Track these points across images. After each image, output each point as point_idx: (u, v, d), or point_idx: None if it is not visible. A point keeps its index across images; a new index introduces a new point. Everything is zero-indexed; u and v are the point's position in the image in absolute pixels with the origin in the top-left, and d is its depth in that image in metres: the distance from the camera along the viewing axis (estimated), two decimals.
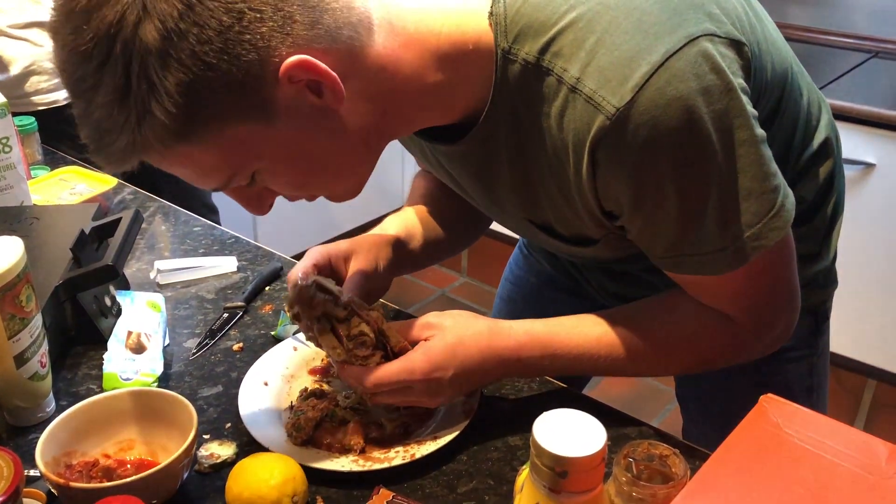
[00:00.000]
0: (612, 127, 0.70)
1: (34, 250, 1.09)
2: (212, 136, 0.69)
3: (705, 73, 0.69)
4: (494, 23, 0.75)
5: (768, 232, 0.77)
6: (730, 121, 0.71)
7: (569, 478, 0.56)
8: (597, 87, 0.70)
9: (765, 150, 0.75)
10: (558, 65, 0.72)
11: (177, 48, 0.64)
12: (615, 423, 0.92)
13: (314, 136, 0.74)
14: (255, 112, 0.69)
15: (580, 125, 0.72)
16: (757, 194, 0.75)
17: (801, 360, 1.07)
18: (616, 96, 0.69)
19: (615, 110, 0.69)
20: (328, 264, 0.95)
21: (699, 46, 0.69)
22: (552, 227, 0.87)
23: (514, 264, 1.33)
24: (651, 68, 0.68)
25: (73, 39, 0.65)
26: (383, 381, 0.84)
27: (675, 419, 2.38)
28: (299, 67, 0.68)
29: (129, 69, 0.64)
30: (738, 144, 0.73)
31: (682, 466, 0.70)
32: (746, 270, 0.78)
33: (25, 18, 1.78)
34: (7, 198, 1.33)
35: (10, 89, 1.71)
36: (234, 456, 0.88)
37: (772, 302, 0.85)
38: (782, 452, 0.64)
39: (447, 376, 0.84)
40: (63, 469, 0.81)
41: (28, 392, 0.92)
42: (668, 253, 0.80)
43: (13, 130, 1.33)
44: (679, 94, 0.68)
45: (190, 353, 1.07)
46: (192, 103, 0.66)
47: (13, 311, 0.86)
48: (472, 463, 0.88)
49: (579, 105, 0.71)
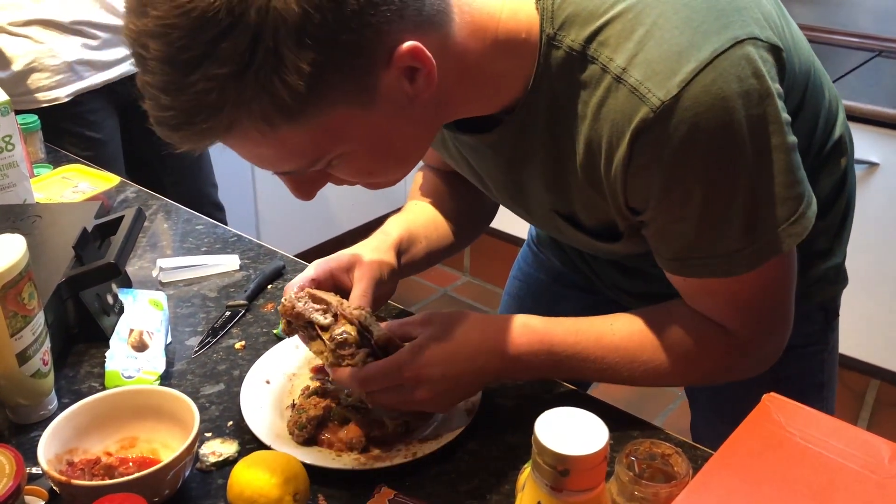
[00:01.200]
0: (655, 119, 0.70)
1: (36, 248, 1.10)
2: (317, 118, 0.67)
3: (747, 77, 0.70)
4: (541, 8, 0.74)
5: (786, 237, 0.77)
6: (765, 126, 0.72)
7: (570, 476, 0.56)
8: (643, 79, 0.70)
9: (795, 157, 0.75)
10: (604, 54, 0.72)
11: (314, 25, 0.61)
12: (617, 422, 0.91)
13: (398, 124, 0.73)
14: (361, 96, 0.68)
15: (621, 115, 0.72)
16: (782, 199, 0.75)
17: (812, 356, 1.07)
18: (662, 89, 0.69)
19: (660, 103, 0.69)
20: (329, 277, 0.94)
21: (744, 49, 0.70)
22: (578, 219, 0.86)
23: (522, 261, 1.33)
24: (699, 65, 0.68)
25: (187, 2, 0.60)
26: (370, 377, 0.83)
27: (677, 418, 2.38)
28: (409, 54, 0.67)
29: (257, 40, 0.60)
30: (771, 150, 0.73)
31: (685, 465, 0.70)
32: (753, 277, 0.78)
33: (26, 16, 1.78)
34: (10, 196, 1.33)
35: (11, 87, 1.71)
36: (235, 454, 0.88)
37: (771, 312, 0.85)
38: (785, 451, 0.64)
39: (437, 373, 0.83)
40: (65, 467, 0.81)
41: (30, 390, 0.92)
42: (681, 255, 0.79)
43: (16, 128, 1.33)
44: (723, 95, 0.69)
45: (192, 351, 1.07)
46: (316, 83, 0.63)
47: (15, 308, 0.86)
48: (474, 461, 0.87)
49: (622, 95, 0.71)
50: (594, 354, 0.87)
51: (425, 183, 1.13)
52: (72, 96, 1.84)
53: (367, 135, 0.72)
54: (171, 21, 0.60)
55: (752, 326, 0.85)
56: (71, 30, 1.82)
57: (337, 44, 0.63)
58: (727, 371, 0.90)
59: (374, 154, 0.75)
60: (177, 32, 0.61)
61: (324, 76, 0.64)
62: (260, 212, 2.84)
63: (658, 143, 0.71)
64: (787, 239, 0.77)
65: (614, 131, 0.73)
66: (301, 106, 0.65)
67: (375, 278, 0.94)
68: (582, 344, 0.87)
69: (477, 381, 0.89)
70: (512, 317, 0.89)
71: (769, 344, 0.87)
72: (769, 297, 0.83)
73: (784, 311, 0.86)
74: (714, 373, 0.90)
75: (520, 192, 0.89)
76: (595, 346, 0.87)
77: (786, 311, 0.86)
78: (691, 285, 0.83)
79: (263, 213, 2.85)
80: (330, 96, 0.66)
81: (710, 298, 0.84)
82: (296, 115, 0.65)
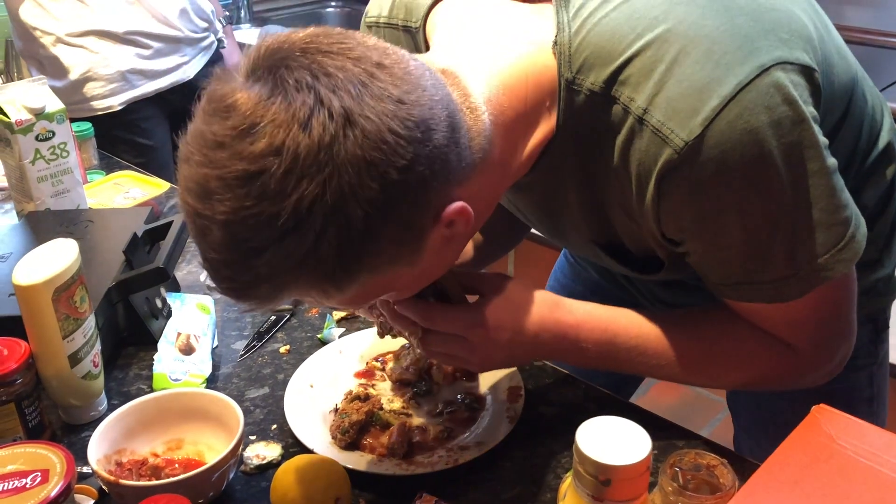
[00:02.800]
0: (679, 161, 0.68)
1: (88, 252, 1.12)
2: (369, 282, 0.68)
3: (777, 105, 0.67)
4: (558, 52, 0.73)
5: (835, 264, 0.74)
6: (801, 152, 0.69)
7: (612, 486, 0.55)
8: (665, 119, 0.68)
9: (836, 181, 0.73)
10: (625, 94, 0.70)
11: (382, 214, 0.62)
12: (661, 432, 0.90)
13: (440, 261, 0.74)
14: (411, 257, 0.69)
15: (646, 157, 0.70)
16: (826, 226, 0.73)
17: (861, 370, 1.04)
18: (685, 130, 0.67)
19: (683, 144, 0.68)
20: None
21: (771, 77, 0.67)
22: (619, 249, 0.85)
23: (559, 273, 1.32)
24: (722, 101, 0.66)
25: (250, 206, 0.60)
26: (434, 314, 0.82)
27: (723, 430, 2.34)
28: (456, 212, 0.68)
29: (321, 238, 0.61)
30: (808, 175, 0.71)
31: (730, 477, 0.69)
32: (807, 301, 0.76)
33: (82, 27, 1.83)
34: (64, 201, 1.37)
35: (67, 95, 1.76)
36: (279, 457, 0.89)
37: (830, 332, 0.82)
38: (834, 465, 0.62)
39: (504, 338, 0.82)
40: (114, 467, 0.83)
41: (81, 391, 0.94)
42: (728, 280, 0.77)
43: (71, 136, 1.36)
44: (750, 128, 0.67)
45: (238, 354, 1.09)
46: (372, 261, 0.65)
47: (68, 311, 0.89)
48: (516, 470, 0.87)
49: (646, 136, 0.70)
50: (656, 350, 0.85)
51: None
52: (124, 104, 1.88)
53: (414, 278, 0.73)
54: (236, 218, 0.61)
55: (812, 346, 0.82)
56: (125, 40, 1.86)
57: (394, 224, 0.64)
58: (793, 383, 0.87)
59: (419, 284, 0.76)
60: (241, 228, 0.61)
61: (380, 255, 0.65)
62: None
63: (686, 182, 0.69)
64: (837, 265, 0.74)
65: (642, 171, 0.72)
66: (354, 276, 0.66)
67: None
68: (644, 345, 0.85)
69: (532, 356, 0.87)
70: (579, 302, 0.87)
71: (832, 360, 0.84)
72: (826, 319, 0.81)
73: (845, 329, 0.83)
74: (775, 384, 0.88)
75: (557, 228, 0.89)
76: (657, 343, 0.85)
77: (847, 327, 0.83)
78: (744, 308, 0.81)
79: None
80: (382, 267, 0.67)
81: (766, 320, 0.81)
82: (349, 284, 0.67)
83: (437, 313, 0.82)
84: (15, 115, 1.29)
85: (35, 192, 1.33)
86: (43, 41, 1.84)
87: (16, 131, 1.29)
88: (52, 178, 1.34)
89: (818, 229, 0.73)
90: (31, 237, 1.22)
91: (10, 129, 1.29)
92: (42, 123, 1.31)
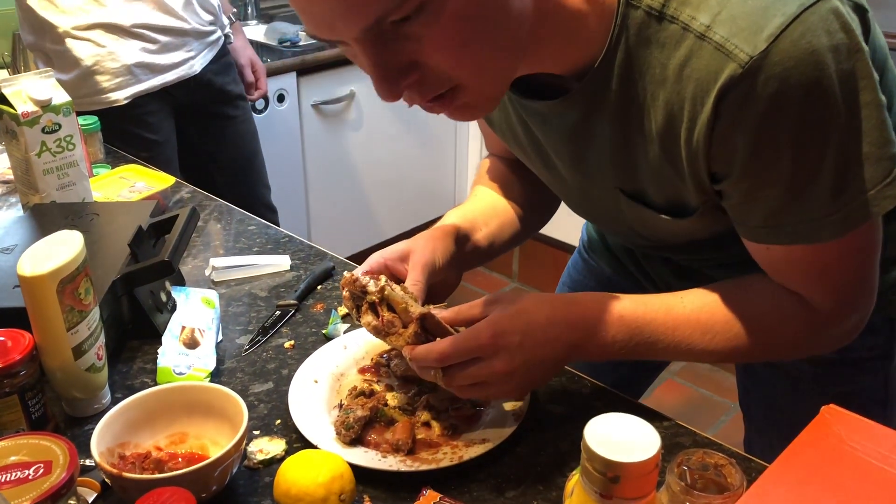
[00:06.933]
0: (743, 76, 0.68)
1: (93, 245, 1.12)
2: None
3: (836, 31, 0.67)
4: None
5: (881, 200, 0.74)
6: (855, 81, 0.69)
7: (620, 483, 0.55)
8: (729, 35, 0.68)
9: (886, 116, 0.72)
10: (685, 13, 0.70)
11: None
12: (669, 431, 0.90)
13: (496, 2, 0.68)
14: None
15: (705, 74, 0.70)
16: (875, 159, 0.72)
17: (876, 371, 1.03)
18: (750, 45, 0.67)
19: (748, 58, 0.67)
20: (384, 269, 0.94)
21: (831, 3, 0.68)
22: (646, 195, 0.84)
23: (572, 269, 1.31)
24: (786, 20, 0.66)
25: None
26: (449, 351, 0.82)
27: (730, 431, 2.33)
28: None
29: None
30: (862, 106, 0.71)
31: (738, 477, 0.68)
32: (839, 245, 0.76)
33: (89, 20, 1.83)
34: (69, 194, 1.37)
35: (74, 89, 1.76)
36: (283, 452, 0.88)
37: (855, 283, 0.82)
38: (844, 466, 0.61)
39: (515, 342, 0.81)
40: (117, 460, 0.83)
41: (85, 383, 0.93)
42: (768, 222, 0.77)
43: (77, 129, 1.36)
44: (812, 49, 0.67)
45: (242, 349, 1.08)
46: None
47: (72, 303, 0.88)
48: (522, 467, 0.86)
49: (706, 54, 0.69)
50: (665, 325, 0.85)
51: (491, 168, 1.12)
52: (130, 98, 1.88)
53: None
54: None
55: (835, 298, 0.82)
56: (132, 33, 1.86)
57: None
58: (807, 344, 0.87)
59: (469, 12, 0.67)
60: None
61: None
62: (311, 214, 2.87)
63: (746, 101, 0.69)
64: (884, 201, 0.74)
65: (698, 92, 0.71)
66: None
67: (428, 264, 0.93)
68: (651, 314, 0.85)
69: (553, 355, 0.85)
70: (578, 293, 0.87)
71: (851, 318, 0.84)
72: (854, 267, 0.80)
73: (868, 285, 0.83)
74: (794, 346, 0.87)
75: (582, 168, 0.87)
76: (666, 316, 0.85)
77: (870, 285, 0.83)
78: (774, 254, 0.80)
79: (315, 215, 2.88)
80: None
81: (794, 267, 0.81)
82: None
83: (447, 347, 0.82)
84: (21, 108, 1.29)
85: (41, 185, 1.33)
86: (50, 35, 1.84)
87: (22, 123, 1.29)
88: (58, 170, 1.34)
89: (867, 162, 0.72)
90: (36, 229, 1.21)
91: (17, 121, 1.29)
92: (48, 116, 1.30)
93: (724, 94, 0.69)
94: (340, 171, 2.91)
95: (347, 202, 2.97)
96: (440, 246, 0.96)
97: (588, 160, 0.86)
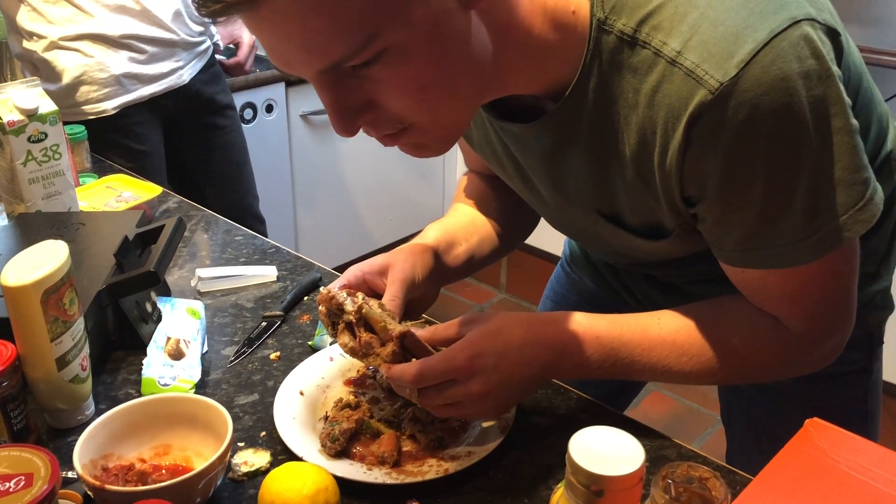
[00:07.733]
0: (713, 102, 0.68)
1: (79, 255, 1.11)
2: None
3: (806, 57, 0.68)
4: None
5: (854, 224, 0.74)
6: (827, 107, 0.70)
7: (605, 497, 0.55)
8: (700, 61, 0.68)
9: (858, 141, 0.73)
10: (657, 38, 0.70)
11: None
12: (654, 444, 0.90)
13: (457, 45, 0.69)
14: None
15: (676, 100, 0.70)
16: (847, 184, 0.73)
17: (855, 386, 1.04)
18: (720, 71, 0.67)
19: (719, 85, 0.67)
20: (363, 283, 0.94)
21: (801, 29, 0.68)
22: (622, 218, 0.85)
23: (555, 282, 1.32)
24: (757, 46, 0.67)
25: None
26: (424, 372, 0.82)
27: (715, 443, 2.34)
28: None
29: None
30: (833, 132, 0.71)
31: (723, 490, 0.68)
32: (814, 268, 0.76)
33: (77, 31, 1.82)
34: (55, 203, 1.36)
35: (61, 99, 1.75)
36: (267, 464, 0.88)
37: (832, 307, 0.82)
38: (828, 479, 0.62)
39: (491, 364, 0.82)
40: (99, 472, 0.82)
41: (68, 394, 0.93)
42: (742, 246, 0.77)
43: (63, 138, 1.36)
44: (783, 75, 0.67)
45: (227, 360, 1.08)
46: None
47: (56, 313, 0.88)
48: (507, 479, 0.86)
49: (677, 79, 0.70)
50: (641, 346, 0.85)
51: (469, 185, 1.12)
52: (118, 108, 1.87)
53: (427, 28, 0.66)
54: None
55: (812, 322, 0.82)
56: (119, 44, 1.86)
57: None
58: (784, 367, 0.87)
59: (429, 58, 0.68)
60: None
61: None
62: (299, 224, 2.87)
63: (717, 127, 0.69)
64: (855, 226, 0.74)
65: (670, 117, 0.71)
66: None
67: (407, 280, 0.94)
68: (627, 335, 0.85)
69: (529, 375, 0.85)
70: (556, 313, 0.87)
71: (828, 341, 0.84)
72: (830, 291, 0.81)
73: (845, 308, 0.83)
74: (771, 369, 0.88)
75: (560, 190, 0.88)
76: (642, 337, 0.85)
77: (846, 308, 0.83)
78: (750, 278, 0.81)
79: (302, 225, 2.88)
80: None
81: (770, 291, 0.81)
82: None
83: (422, 368, 0.82)
84: (7, 116, 1.28)
85: (26, 194, 1.33)
86: (38, 45, 1.84)
87: (8, 132, 1.28)
88: (44, 179, 1.34)
89: (839, 187, 0.73)
90: (21, 239, 1.21)
91: (3, 129, 1.28)
92: (34, 125, 1.30)
93: (695, 120, 0.69)
94: (328, 181, 2.91)
95: (335, 213, 2.98)
96: (420, 261, 0.96)
97: (566, 182, 0.86)
